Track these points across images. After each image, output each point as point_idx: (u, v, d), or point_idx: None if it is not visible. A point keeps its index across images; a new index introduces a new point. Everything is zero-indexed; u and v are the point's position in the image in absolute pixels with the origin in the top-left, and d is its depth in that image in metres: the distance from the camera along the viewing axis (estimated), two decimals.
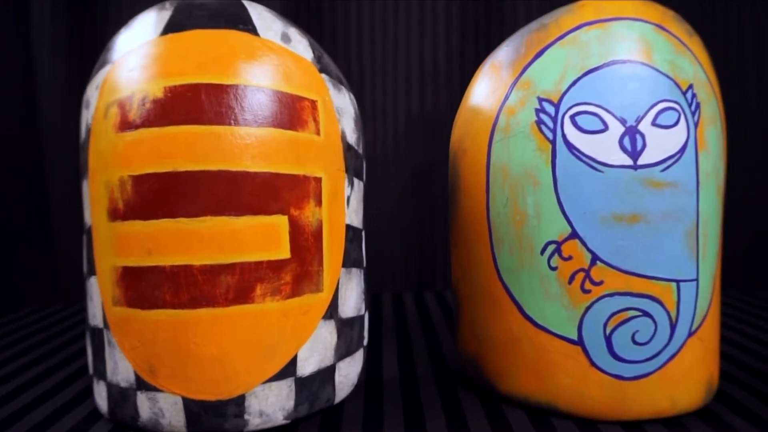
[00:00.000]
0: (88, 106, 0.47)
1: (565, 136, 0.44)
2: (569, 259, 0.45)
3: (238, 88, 0.43)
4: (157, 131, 0.42)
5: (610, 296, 0.44)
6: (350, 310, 0.50)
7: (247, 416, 0.44)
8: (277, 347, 0.44)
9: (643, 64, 0.44)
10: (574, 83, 0.45)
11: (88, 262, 0.47)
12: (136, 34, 0.45)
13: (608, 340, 0.44)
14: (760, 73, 0.92)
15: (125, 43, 0.46)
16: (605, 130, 0.44)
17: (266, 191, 0.43)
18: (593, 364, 0.45)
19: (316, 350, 0.46)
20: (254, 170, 0.43)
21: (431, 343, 0.68)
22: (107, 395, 0.46)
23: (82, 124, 0.48)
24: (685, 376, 0.45)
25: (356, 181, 0.51)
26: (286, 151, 0.44)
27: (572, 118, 0.44)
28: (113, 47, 0.46)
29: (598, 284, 0.44)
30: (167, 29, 0.44)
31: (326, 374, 0.47)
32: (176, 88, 0.42)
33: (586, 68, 0.45)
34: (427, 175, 0.97)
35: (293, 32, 0.47)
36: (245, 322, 0.43)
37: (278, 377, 0.44)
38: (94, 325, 0.46)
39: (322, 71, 0.48)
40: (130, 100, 0.43)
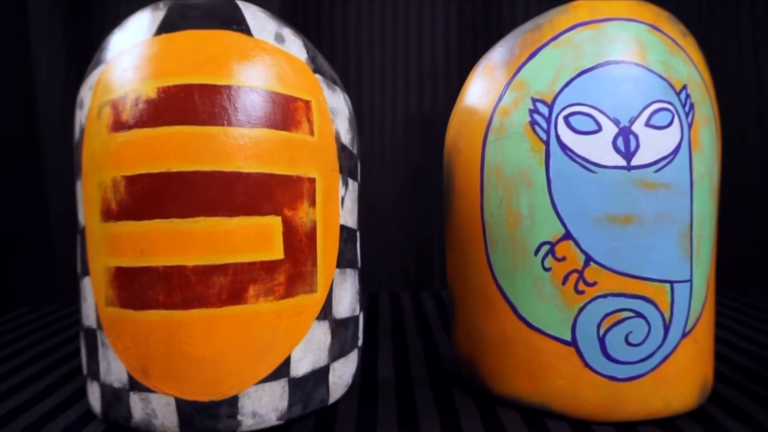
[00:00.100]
0: (81, 106, 0.47)
1: (558, 136, 0.44)
2: (563, 260, 0.45)
3: (231, 88, 0.43)
4: (150, 132, 0.42)
5: (603, 297, 0.44)
6: (345, 310, 0.50)
7: (240, 417, 0.44)
8: (270, 348, 0.44)
9: (636, 64, 0.44)
10: (567, 84, 0.45)
11: (81, 262, 0.47)
12: (129, 34, 0.45)
13: (602, 341, 0.44)
14: (759, 73, 0.92)
15: (119, 43, 0.46)
16: (599, 130, 0.43)
17: (259, 192, 0.43)
18: (587, 365, 0.45)
19: (309, 351, 0.46)
20: (247, 171, 0.43)
21: (427, 343, 0.68)
22: (100, 396, 0.46)
23: (75, 124, 0.48)
24: (678, 377, 0.45)
25: (351, 181, 0.51)
26: (279, 151, 0.44)
27: (566, 118, 0.44)
28: (107, 47, 0.46)
29: (591, 285, 0.44)
30: (161, 29, 0.44)
31: (320, 375, 0.47)
32: (169, 88, 0.42)
33: (579, 69, 0.45)
34: (425, 175, 0.97)
35: (287, 32, 0.47)
36: (238, 322, 0.43)
37: (271, 378, 0.44)
38: (87, 325, 0.46)
39: (316, 71, 0.48)
40: (123, 100, 0.43)
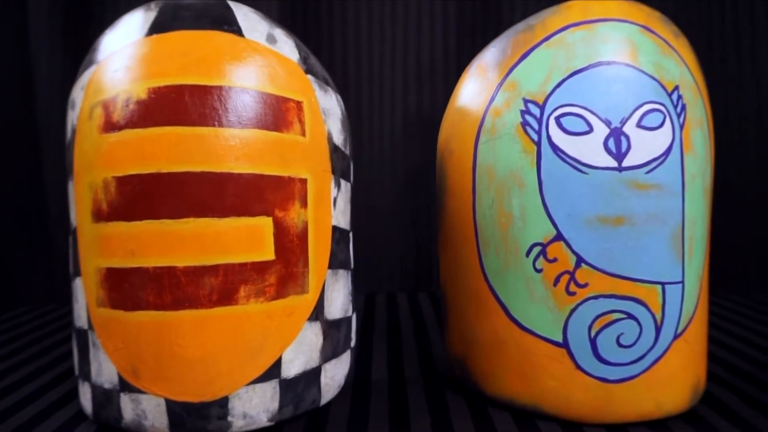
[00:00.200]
0: (73, 106, 0.47)
1: (550, 137, 0.44)
2: (554, 261, 0.44)
3: (222, 89, 0.43)
4: (140, 132, 0.42)
5: (594, 299, 0.44)
6: (337, 311, 0.50)
7: (230, 418, 0.44)
8: (261, 349, 0.44)
9: (628, 65, 0.44)
10: (559, 84, 0.45)
11: (73, 263, 0.47)
12: (121, 34, 0.45)
13: (593, 342, 0.44)
14: (756, 74, 0.92)
15: (110, 43, 0.46)
16: (590, 131, 0.43)
17: (250, 192, 0.43)
18: (578, 366, 0.45)
19: (301, 352, 0.46)
20: (238, 171, 0.43)
21: (422, 344, 0.68)
22: (92, 396, 0.46)
23: (67, 124, 0.48)
24: (670, 378, 0.45)
25: (343, 182, 0.51)
26: (270, 152, 0.44)
27: (557, 119, 0.44)
28: (99, 48, 0.46)
29: (582, 286, 0.44)
30: (152, 30, 0.44)
31: (312, 376, 0.47)
32: (160, 89, 0.42)
33: (571, 69, 0.44)
34: (424, 175, 0.97)
35: (279, 33, 0.47)
36: (229, 323, 0.43)
37: (262, 379, 0.44)
38: (79, 326, 0.47)
39: (307, 72, 0.48)
40: (114, 101, 0.43)
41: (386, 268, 0.99)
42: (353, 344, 0.54)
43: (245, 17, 0.46)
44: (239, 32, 0.45)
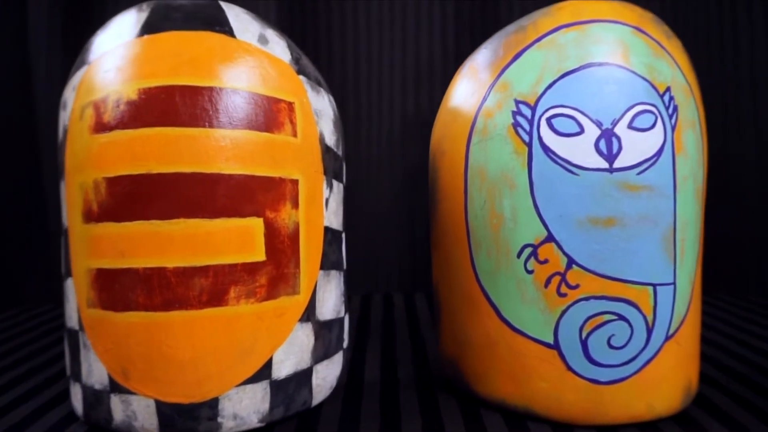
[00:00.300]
0: (65, 107, 0.47)
1: (541, 138, 0.44)
2: (545, 262, 0.44)
3: (213, 90, 0.43)
4: (131, 133, 0.42)
5: (585, 300, 0.44)
6: (329, 312, 0.50)
7: (220, 419, 0.43)
8: (251, 350, 0.44)
9: (619, 66, 0.44)
10: (550, 86, 0.44)
11: (65, 264, 0.47)
12: (113, 35, 0.45)
13: (584, 344, 0.44)
14: (754, 74, 0.91)
15: (102, 44, 0.46)
16: (581, 132, 0.43)
17: (241, 193, 0.43)
18: (569, 368, 0.45)
19: (292, 353, 0.46)
20: (229, 172, 0.43)
21: (416, 345, 0.68)
22: (82, 397, 0.46)
23: (59, 125, 0.48)
24: (662, 380, 0.45)
25: (335, 183, 0.51)
26: (261, 153, 0.44)
27: (548, 120, 0.44)
28: (90, 48, 0.46)
29: (574, 288, 0.44)
30: (143, 30, 0.44)
31: (303, 377, 0.47)
32: (150, 89, 0.42)
33: (563, 71, 0.44)
34: (422, 175, 0.96)
35: (271, 34, 0.47)
36: (219, 324, 0.43)
37: (253, 380, 0.44)
38: (70, 327, 0.47)
39: (299, 73, 0.48)
40: (104, 101, 0.43)
41: (384, 268, 0.99)
42: (346, 345, 0.54)
43: (237, 18, 0.46)
44: (231, 33, 0.45)
